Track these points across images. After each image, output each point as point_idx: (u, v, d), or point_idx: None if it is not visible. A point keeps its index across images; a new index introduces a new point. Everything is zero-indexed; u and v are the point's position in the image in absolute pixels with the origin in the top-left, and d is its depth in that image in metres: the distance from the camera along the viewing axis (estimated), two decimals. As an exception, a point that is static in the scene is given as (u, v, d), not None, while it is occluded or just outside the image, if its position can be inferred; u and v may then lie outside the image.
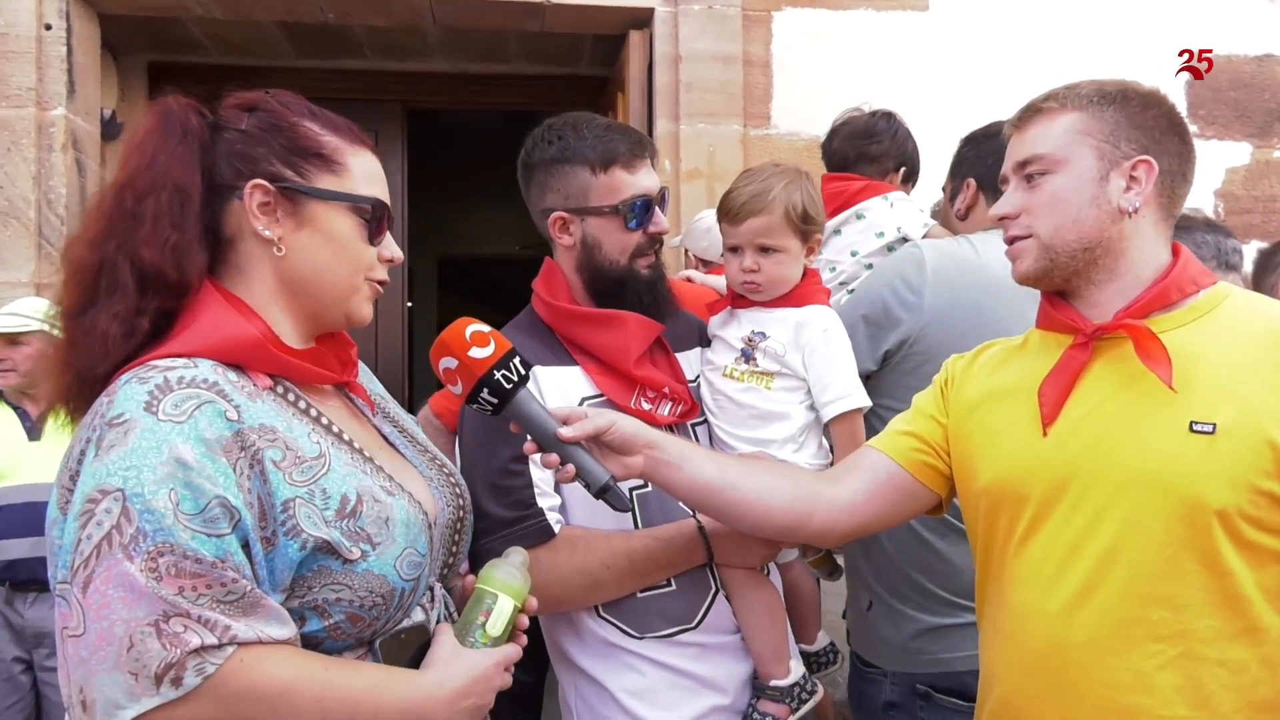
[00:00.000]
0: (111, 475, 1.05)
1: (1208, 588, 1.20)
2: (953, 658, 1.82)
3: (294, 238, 1.25)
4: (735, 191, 1.68)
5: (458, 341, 1.33)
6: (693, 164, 3.61)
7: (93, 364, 1.16)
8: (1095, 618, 1.25)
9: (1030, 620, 1.31)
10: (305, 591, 1.16)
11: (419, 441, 1.46)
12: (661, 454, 1.43)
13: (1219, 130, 3.91)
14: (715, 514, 1.52)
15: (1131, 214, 1.31)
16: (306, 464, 1.17)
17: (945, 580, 1.85)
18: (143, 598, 1.02)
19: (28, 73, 3.38)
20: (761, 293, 1.68)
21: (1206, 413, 1.21)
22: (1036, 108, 1.37)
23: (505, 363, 1.33)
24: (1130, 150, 1.31)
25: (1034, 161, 1.35)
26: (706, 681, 1.60)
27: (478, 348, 1.33)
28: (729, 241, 1.70)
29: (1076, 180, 1.32)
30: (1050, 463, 1.31)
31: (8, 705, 2.99)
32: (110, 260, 1.18)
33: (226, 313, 1.21)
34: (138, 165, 1.20)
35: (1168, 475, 1.21)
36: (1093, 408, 1.30)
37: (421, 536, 1.26)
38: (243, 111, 1.27)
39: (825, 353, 1.64)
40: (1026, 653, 1.32)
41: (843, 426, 1.64)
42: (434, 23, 3.88)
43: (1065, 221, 1.32)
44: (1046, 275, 1.36)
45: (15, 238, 3.37)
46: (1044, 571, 1.30)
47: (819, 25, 3.72)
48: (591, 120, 1.65)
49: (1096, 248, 1.32)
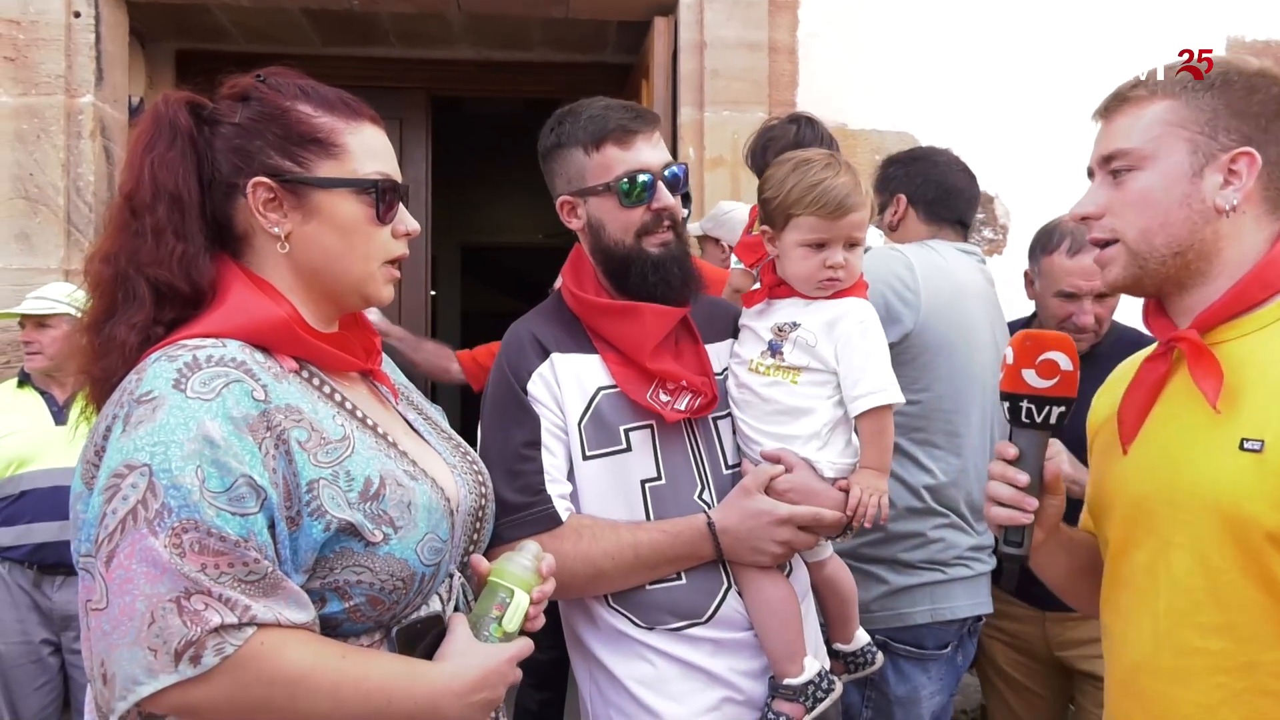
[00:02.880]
0: (139, 450, 1.06)
1: (1274, 617, 1.11)
2: (913, 612, 2.14)
3: (303, 230, 1.24)
4: (824, 185, 1.58)
5: (1074, 353, 1.26)
6: (716, 151, 3.59)
7: (112, 373, 1.17)
8: (1161, 647, 1.20)
9: (1120, 643, 1.27)
10: (327, 573, 1.16)
11: (443, 429, 1.46)
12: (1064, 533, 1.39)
13: (1254, 118, 3.83)
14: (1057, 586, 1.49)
15: (1229, 212, 1.18)
16: (331, 446, 1.17)
17: (914, 548, 2.15)
18: (165, 573, 1.03)
19: (57, 60, 3.41)
20: (839, 287, 1.63)
21: (1258, 429, 1.12)
22: (1124, 95, 1.25)
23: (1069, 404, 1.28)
24: (1229, 142, 1.19)
25: (1119, 156, 1.24)
26: (720, 677, 1.58)
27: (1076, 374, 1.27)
28: (817, 237, 1.60)
29: (1166, 178, 1.20)
30: (1126, 484, 1.26)
31: (36, 686, 3.03)
32: (124, 274, 1.19)
33: (254, 295, 1.22)
34: (136, 177, 1.21)
35: (1219, 497, 1.13)
36: (1164, 424, 1.23)
37: (444, 522, 1.26)
38: (236, 102, 1.25)
39: (861, 345, 1.59)
40: (1117, 671, 1.29)
41: (873, 422, 1.60)
42: (458, 9, 3.87)
43: (1153, 224, 1.21)
44: (1137, 283, 1.26)
45: (45, 224, 3.40)
46: (1130, 596, 1.25)
47: (845, 11, 3.68)
48: (592, 102, 1.62)
49: (1188, 251, 1.21)
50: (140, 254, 1.18)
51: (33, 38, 3.40)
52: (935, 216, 2.41)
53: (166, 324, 1.19)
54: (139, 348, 1.17)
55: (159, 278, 1.18)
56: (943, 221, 2.41)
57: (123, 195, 1.22)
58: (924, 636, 2.15)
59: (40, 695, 3.03)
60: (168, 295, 1.18)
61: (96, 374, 1.19)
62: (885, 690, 2.16)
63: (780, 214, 1.64)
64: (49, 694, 3.06)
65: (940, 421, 2.16)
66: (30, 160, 3.40)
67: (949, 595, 2.16)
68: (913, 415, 2.14)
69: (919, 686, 2.16)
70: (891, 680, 2.15)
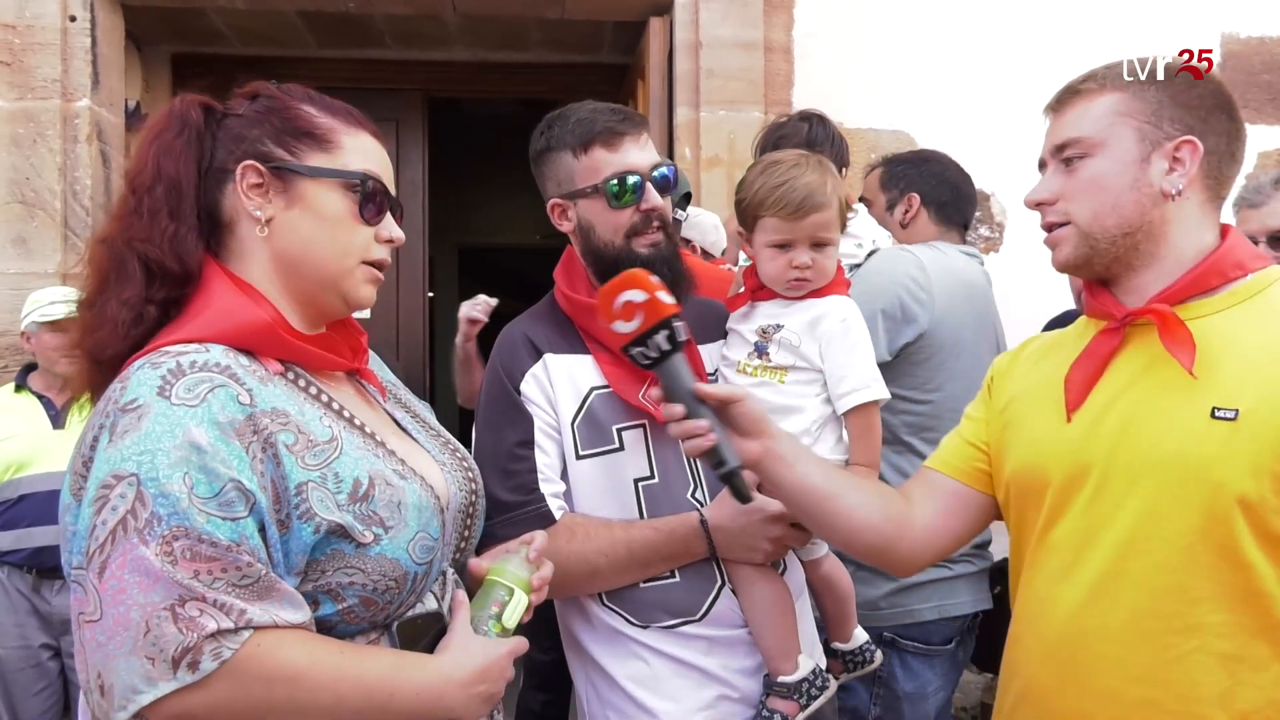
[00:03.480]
0: (126, 460, 1.06)
1: (1226, 581, 1.16)
2: (922, 608, 2.16)
3: (284, 216, 1.25)
4: (787, 185, 1.59)
5: (645, 281, 1.34)
6: (713, 151, 3.59)
7: (103, 347, 1.18)
8: (1109, 608, 1.22)
9: (1048, 609, 1.29)
10: (319, 575, 1.16)
11: (432, 426, 1.46)
12: (777, 447, 1.41)
13: (1251, 114, 3.83)
14: (811, 520, 1.49)
15: (1175, 196, 1.26)
16: (319, 448, 1.17)
17: None
18: (159, 582, 1.02)
19: (53, 64, 3.41)
20: (810, 287, 1.63)
21: (1229, 399, 1.17)
22: (1075, 89, 1.33)
23: (679, 316, 1.36)
24: (1174, 130, 1.26)
25: (1071, 145, 1.30)
26: (714, 675, 1.58)
27: (664, 293, 1.35)
28: (781, 238, 1.61)
29: (1116, 163, 1.27)
30: (1071, 449, 1.28)
31: (35, 691, 3.03)
32: (119, 253, 1.21)
33: (237, 298, 1.22)
34: (139, 164, 1.24)
35: (1186, 462, 1.17)
36: (1117, 393, 1.27)
37: (434, 520, 1.26)
38: (245, 99, 1.29)
39: (843, 342, 1.59)
40: (1044, 642, 1.29)
41: (859, 419, 1.60)
42: (454, 10, 3.88)
43: (1104, 206, 1.27)
44: (1087, 263, 1.31)
45: (42, 228, 3.41)
46: (1063, 560, 1.27)
47: (841, 10, 3.69)
48: (579, 106, 1.63)
49: (1137, 232, 1.27)
50: (134, 231, 1.20)
51: (28, 42, 3.40)
52: (946, 218, 2.46)
53: (158, 302, 1.20)
54: (131, 324, 1.18)
55: (149, 254, 1.19)
56: (951, 223, 2.47)
57: (127, 180, 1.25)
58: (931, 632, 2.16)
59: (40, 700, 3.03)
60: (157, 273, 1.19)
61: (89, 347, 1.20)
62: (894, 687, 2.17)
63: (749, 216, 1.65)
64: (49, 698, 3.06)
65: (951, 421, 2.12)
66: (27, 164, 3.41)
67: (954, 591, 2.19)
68: (925, 415, 2.16)
69: (926, 683, 2.18)
70: (900, 677, 2.16)
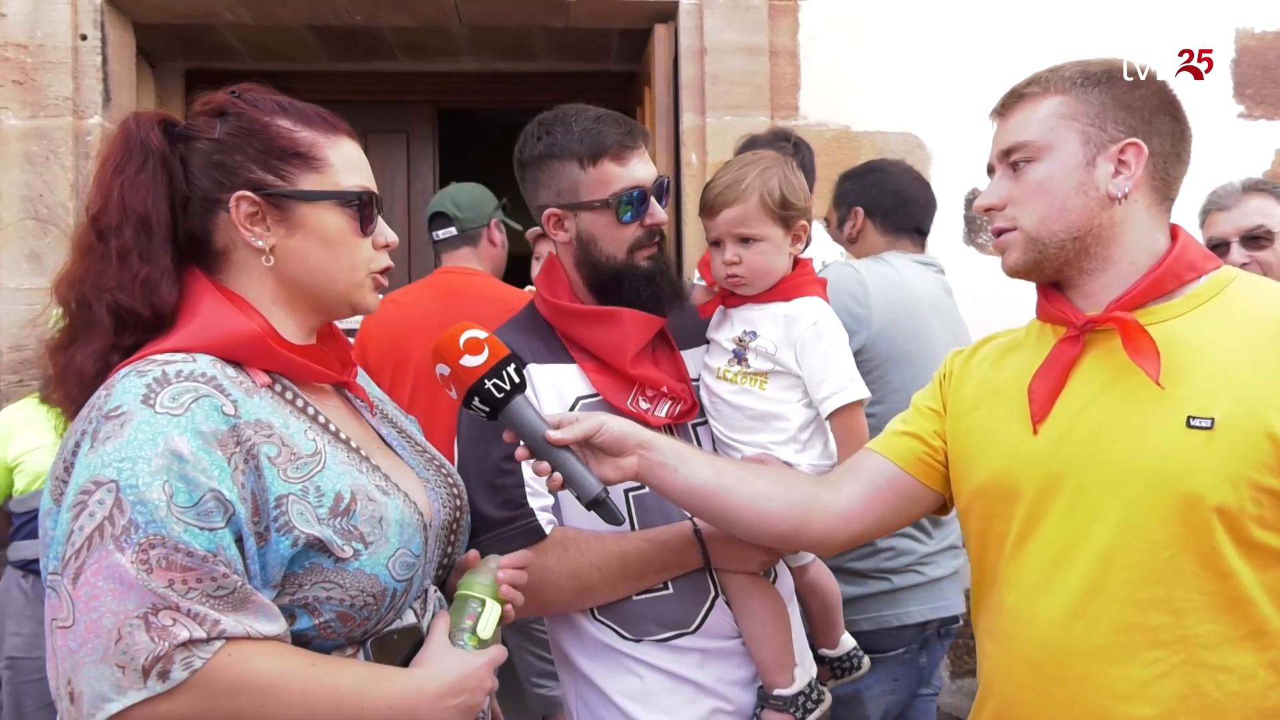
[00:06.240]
0: (106, 467, 1.06)
1: (1209, 590, 1.15)
2: (859, 619, 2.14)
3: (286, 243, 1.24)
4: (710, 183, 1.64)
5: (451, 348, 1.31)
6: (719, 157, 3.56)
7: (71, 400, 1.18)
8: (1092, 624, 1.19)
9: (1027, 627, 1.26)
10: (296, 589, 1.15)
11: (418, 443, 1.45)
12: (656, 455, 1.40)
13: (1268, 110, 3.77)
14: (710, 518, 1.48)
15: (1121, 199, 1.25)
16: (301, 461, 1.17)
17: (862, 558, 2.17)
18: (132, 590, 1.02)
19: (64, 82, 3.45)
20: (747, 285, 1.62)
21: (1204, 406, 1.15)
22: (1019, 93, 1.32)
23: (499, 370, 1.31)
24: (1118, 133, 1.25)
25: (1017, 149, 1.29)
26: (708, 688, 1.56)
27: (471, 355, 1.31)
28: (709, 235, 1.64)
29: (1062, 167, 1.26)
30: (1043, 461, 1.25)
31: (46, 704, 3.05)
32: (85, 299, 1.19)
33: (226, 309, 1.21)
34: (104, 199, 1.21)
35: (1164, 472, 1.16)
36: (1086, 404, 1.24)
37: (416, 537, 1.26)
38: (213, 118, 1.25)
39: (817, 347, 1.58)
40: (1023, 660, 1.27)
41: (842, 421, 1.58)
42: (460, 21, 3.89)
43: (1051, 211, 1.26)
44: (1036, 268, 1.30)
45: (54, 244, 3.44)
46: (1040, 575, 1.25)
47: (846, 13, 3.65)
48: (581, 112, 1.61)
49: (1086, 236, 1.26)
50: (104, 278, 1.18)
51: (40, 61, 3.44)
52: (893, 226, 2.47)
53: (125, 349, 1.18)
54: (96, 376, 1.17)
55: (120, 302, 1.18)
56: (900, 231, 2.47)
57: (89, 217, 1.22)
58: (872, 640, 2.13)
59: (48, 713, 3.05)
60: (128, 320, 1.18)
61: (57, 400, 1.20)
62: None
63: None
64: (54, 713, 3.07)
65: None
66: (40, 181, 3.44)
67: (897, 603, 2.19)
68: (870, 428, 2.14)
69: (862, 688, 2.14)
70: None
